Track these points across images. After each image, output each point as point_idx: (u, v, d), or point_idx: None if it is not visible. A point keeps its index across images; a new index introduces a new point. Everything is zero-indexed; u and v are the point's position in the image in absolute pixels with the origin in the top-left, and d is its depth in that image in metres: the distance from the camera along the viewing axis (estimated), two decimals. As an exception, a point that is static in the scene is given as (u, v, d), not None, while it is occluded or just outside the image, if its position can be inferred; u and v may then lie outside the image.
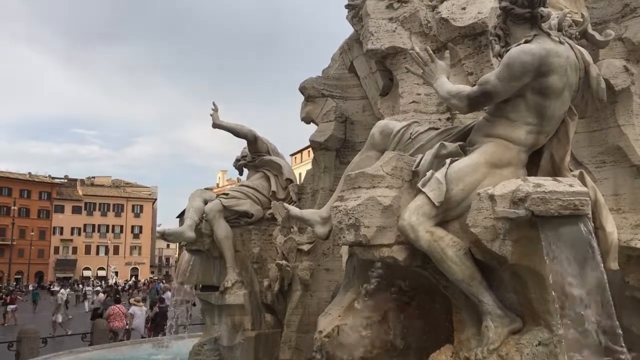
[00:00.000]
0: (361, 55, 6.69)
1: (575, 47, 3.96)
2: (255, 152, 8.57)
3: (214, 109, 8.37)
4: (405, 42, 5.72)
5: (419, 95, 5.56)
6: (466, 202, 3.74)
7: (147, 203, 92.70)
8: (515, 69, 3.71)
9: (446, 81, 4.31)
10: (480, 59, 5.29)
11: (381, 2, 6.06)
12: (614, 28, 5.34)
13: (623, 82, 5.10)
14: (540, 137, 3.90)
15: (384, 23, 5.86)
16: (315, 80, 7.42)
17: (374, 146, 4.73)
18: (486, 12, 5.16)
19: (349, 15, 6.77)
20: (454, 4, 5.48)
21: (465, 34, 5.31)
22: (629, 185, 4.98)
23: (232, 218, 7.96)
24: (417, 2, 5.84)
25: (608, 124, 5.13)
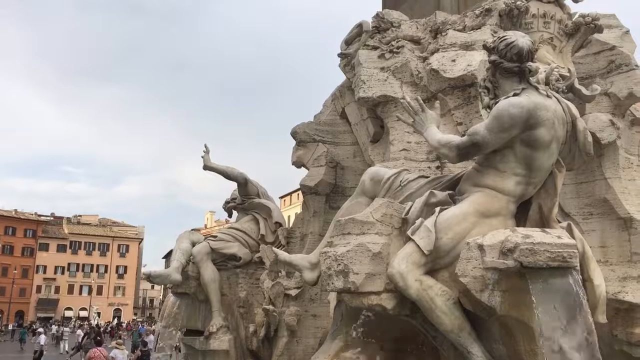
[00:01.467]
0: (353, 102, 6.79)
1: (562, 101, 4.05)
2: (245, 195, 8.56)
3: (205, 151, 8.41)
4: (396, 91, 5.83)
5: (409, 144, 5.63)
6: (455, 251, 3.75)
7: (134, 243, 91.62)
8: (504, 120, 3.78)
9: (436, 130, 4.38)
10: (469, 109, 5.39)
11: (373, 51, 6.20)
12: (600, 83, 5.50)
13: (609, 135, 5.20)
14: (528, 188, 3.94)
15: (375, 72, 5.97)
16: (307, 125, 7.50)
17: (364, 192, 4.75)
18: (475, 64, 5.29)
19: (342, 63, 6.90)
20: (444, 55, 5.62)
21: (455, 85, 5.42)
22: (615, 238, 5.02)
23: (219, 261, 7.89)
24: (408, 53, 5.97)
25: (595, 177, 5.21)
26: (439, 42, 5.89)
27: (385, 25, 6.35)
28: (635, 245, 5.04)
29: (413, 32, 6.31)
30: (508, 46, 3.99)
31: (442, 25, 6.06)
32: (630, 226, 5.11)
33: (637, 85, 5.57)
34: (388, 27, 6.35)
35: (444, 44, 5.80)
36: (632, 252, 5.07)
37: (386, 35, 6.30)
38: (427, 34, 6.23)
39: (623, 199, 5.02)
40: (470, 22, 5.92)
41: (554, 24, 5.59)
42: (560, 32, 5.62)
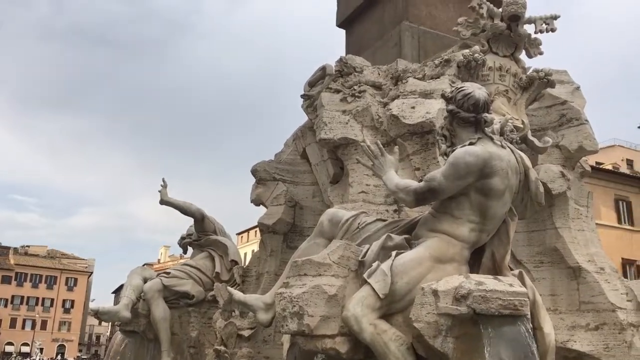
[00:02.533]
0: (314, 143, 6.84)
1: (515, 152, 4.19)
2: (202, 231, 8.43)
3: (163, 185, 8.28)
4: (357, 134, 5.92)
5: (368, 186, 5.69)
6: (410, 295, 3.77)
7: (83, 276, 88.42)
8: (460, 168, 3.87)
9: (394, 175, 4.45)
10: (427, 155, 5.50)
11: (336, 95, 6.31)
12: (552, 136, 5.72)
13: (560, 186, 5.38)
14: (482, 235, 4.02)
15: (337, 115, 6.06)
16: (267, 163, 7.51)
17: (322, 234, 4.76)
18: (434, 112, 5.43)
19: (304, 104, 6.99)
20: (404, 102, 5.76)
21: (413, 131, 5.54)
22: (565, 286, 5.15)
23: (171, 298, 7.69)
24: (369, 97, 6.10)
25: (546, 226, 5.36)
26: (400, 89, 6.04)
27: (348, 70, 6.49)
28: (584, 294, 5.17)
29: (375, 77, 6.46)
30: (465, 97, 4.13)
31: (403, 73, 6.23)
32: (578, 275, 5.26)
33: (586, 139, 5.82)
34: (351, 72, 6.49)
35: (404, 91, 5.95)
36: (580, 301, 5.20)
37: (349, 80, 6.43)
38: (389, 81, 6.38)
39: (572, 248, 5.17)
40: (429, 72, 6.10)
41: (509, 77, 5.82)
42: (515, 85, 5.84)
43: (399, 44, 7.15)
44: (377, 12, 7.91)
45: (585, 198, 6.03)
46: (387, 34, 7.50)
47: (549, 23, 5.89)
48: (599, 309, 5.10)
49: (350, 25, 8.58)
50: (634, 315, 5.08)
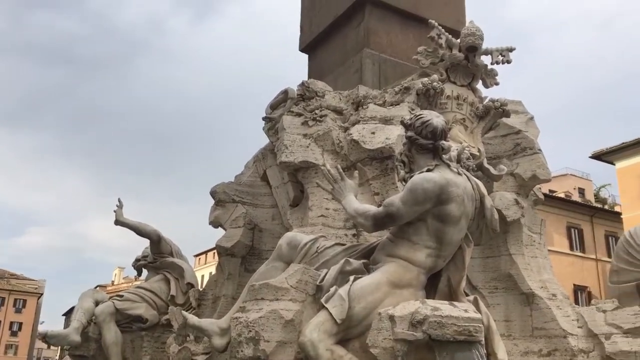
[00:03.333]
0: (274, 166, 6.84)
1: (472, 179, 4.27)
2: (158, 253, 8.26)
3: (118, 205, 8.11)
4: (318, 158, 5.95)
5: (328, 210, 5.70)
6: (367, 321, 3.77)
7: (32, 297, 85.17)
8: (417, 194, 3.92)
9: (354, 199, 4.47)
10: (386, 180, 5.56)
11: (297, 118, 6.34)
12: (507, 164, 5.86)
13: (514, 214, 5.51)
14: (439, 260, 4.07)
15: (298, 138, 6.08)
16: (227, 185, 7.44)
17: (281, 257, 4.73)
18: (393, 138, 5.51)
19: (266, 127, 6.99)
20: (365, 127, 5.83)
21: (373, 156, 5.61)
22: (518, 312, 5.23)
23: (124, 322, 7.47)
24: (330, 122, 6.15)
25: (500, 252, 5.46)
26: (360, 114, 6.12)
27: (310, 94, 6.54)
28: (537, 321, 5.27)
29: (336, 102, 6.52)
30: (424, 124, 4.21)
31: (364, 99, 6.32)
32: (532, 302, 5.36)
33: (539, 168, 5.99)
34: (313, 96, 6.54)
35: (364, 116, 6.03)
36: (533, 327, 5.30)
37: (310, 104, 6.48)
38: (350, 106, 6.46)
39: (526, 274, 5.28)
40: (390, 98, 6.21)
41: (466, 106, 5.96)
42: (471, 114, 5.99)
43: (360, 71, 7.26)
44: (339, 39, 8.03)
45: (538, 225, 6.19)
46: (349, 60, 7.62)
47: (504, 55, 6.08)
48: (551, 335, 5.20)
49: (313, 50, 8.68)
50: (584, 341, 5.20)
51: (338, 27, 8.06)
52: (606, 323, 5.19)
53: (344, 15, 7.86)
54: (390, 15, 7.66)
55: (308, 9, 8.79)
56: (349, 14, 7.79)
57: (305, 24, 8.84)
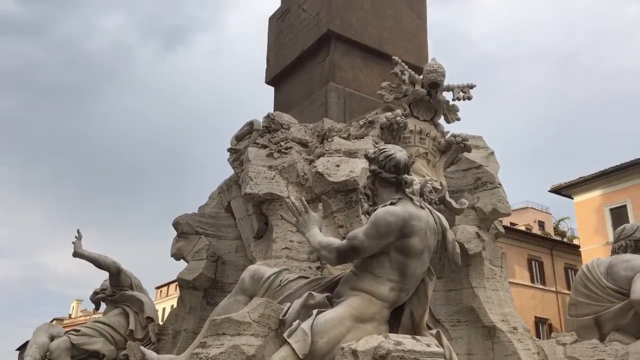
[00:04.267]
0: (239, 197, 6.80)
1: (434, 212, 4.33)
2: (117, 286, 8.04)
3: (77, 236, 7.89)
4: (282, 190, 5.94)
5: (292, 242, 5.68)
6: (330, 355, 3.73)
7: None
8: (381, 228, 3.95)
9: (318, 232, 4.47)
10: (350, 213, 5.59)
11: (262, 150, 6.35)
12: (468, 198, 5.97)
13: (476, 247, 5.59)
14: (401, 294, 4.07)
15: (263, 170, 6.08)
16: (190, 216, 7.35)
17: (243, 291, 4.67)
18: (358, 171, 5.56)
19: (231, 158, 6.97)
20: (329, 160, 5.87)
21: (338, 189, 5.64)
22: (480, 345, 5.26)
23: (80, 358, 7.20)
24: (295, 154, 6.18)
25: (462, 285, 5.51)
26: (325, 147, 6.17)
27: (276, 126, 6.58)
28: (498, 354, 5.31)
29: (301, 135, 6.57)
30: (387, 158, 4.26)
31: (329, 132, 6.38)
32: (493, 335, 5.40)
33: (500, 202, 6.12)
34: (278, 128, 6.58)
35: (329, 149, 6.08)
36: (495, 360, 5.32)
37: (276, 136, 6.51)
38: (315, 139, 6.51)
39: (487, 308, 5.33)
40: (354, 132, 6.29)
41: (429, 141, 6.08)
42: (434, 148, 6.11)
43: (326, 104, 7.35)
44: (305, 73, 8.14)
45: (499, 258, 6.28)
46: (315, 94, 7.71)
47: (465, 91, 6.25)
48: (513, 368, 5.22)
49: (279, 83, 8.76)
50: (545, 374, 5.25)
51: (304, 61, 8.18)
52: (565, 356, 5.26)
53: (309, 49, 7.99)
54: (355, 50, 7.83)
55: (274, 42, 8.90)
56: (314, 48, 7.92)
57: (272, 56, 8.94)
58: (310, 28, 8.00)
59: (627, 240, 5.82)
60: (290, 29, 8.51)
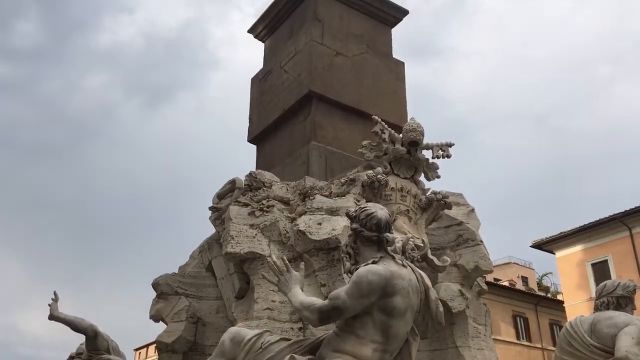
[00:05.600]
0: (220, 256, 6.73)
1: (416, 271, 4.30)
2: (94, 350, 7.77)
3: (53, 298, 7.69)
4: (264, 248, 5.91)
5: (274, 303, 5.60)
6: (313, 420, 3.60)
7: (-50, 400, 77.70)
8: (363, 287, 3.91)
9: (300, 292, 4.41)
10: (332, 272, 5.55)
11: (244, 208, 6.34)
12: (450, 255, 5.97)
13: (459, 305, 5.55)
14: (385, 355, 3.99)
15: (245, 228, 6.06)
16: (170, 277, 7.24)
17: (223, 354, 4.54)
18: (339, 229, 5.56)
19: (212, 216, 6.94)
20: (311, 218, 5.87)
21: (320, 247, 5.62)
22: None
23: None
24: (277, 212, 6.17)
25: (447, 344, 5.44)
26: (307, 205, 6.18)
27: (258, 185, 6.60)
28: (484, 415, 5.19)
29: (283, 193, 6.59)
30: (368, 216, 4.27)
31: (311, 190, 6.41)
32: (480, 395, 5.30)
33: (482, 260, 6.13)
34: (260, 187, 6.60)
35: (311, 207, 6.09)
36: (481, 422, 5.20)
37: (258, 194, 6.52)
38: (297, 197, 6.53)
39: (473, 367, 5.24)
40: (336, 189, 6.33)
41: (410, 198, 6.13)
42: (415, 205, 6.15)
43: (307, 162, 7.42)
44: (287, 131, 8.25)
45: (483, 316, 6.24)
46: (296, 152, 7.79)
47: (444, 150, 6.37)
48: None
49: (261, 141, 8.85)
50: None
51: (286, 120, 8.30)
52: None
53: (291, 109, 8.13)
54: (335, 110, 7.98)
55: (257, 102, 9.05)
56: (296, 108, 8.06)
57: (254, 116, 9.07)
58: (292, 88, 8.17)
59: (609, 297, 5.82)
60: (272, 89, 8.67)
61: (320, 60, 7.99)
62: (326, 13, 8.44)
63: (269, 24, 9.45)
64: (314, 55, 7.97)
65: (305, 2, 8.70)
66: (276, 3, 9.23)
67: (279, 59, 8.69)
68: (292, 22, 8.96)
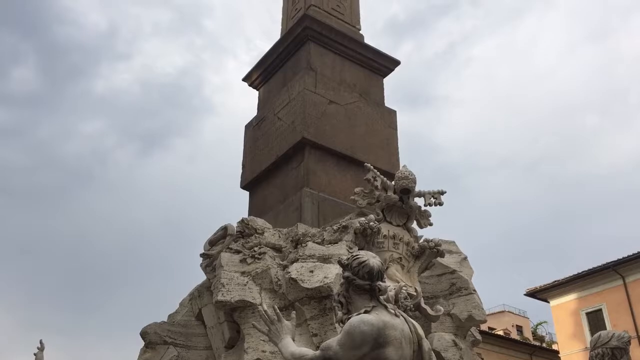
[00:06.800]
0: (210, 304, 6.62)
1: (409, 321, 4.24)
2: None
3: (39, 347, 7.53)
4: (255, 297, 5.82)
5: (264, 353, 5.49)
6: None
7: None
8: (355, 337, 3.84)
9: (291, 342, 4.33)
10: (324, 321, 5.46)
11: (235, 255, 6.28)
12: (443, 304, 5.91)
13: (453, 356, 5.46)
14: (377, 408, 3.89)
15: (236, 276, 5.99)
16: (159, 325, 7.09)
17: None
18: (332, 277, 5.51)
19: (204, 263, 6.87)
20: (303, 266, 5.82)
21: (311, 295, 5.55)
22: None
23: None
24: (269, 259, 6.12)
25: (441, 397, 5.31)
26: (299, 252, 6.14)
27: (250, 231, 6.56)
28: None
29: (275, 240, 6.55)
30: (360, 264, 4.23)
31: (303, 237, 6.38)
32: None
33: (475, 309, 6.06)
34: (252, 233, 6.56)
35: (303, 254, 6.05)
36: None
37: (250, 241, 6.47)
38: (289, 244, 6.49)
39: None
40: (328, 236, 6.30)
41: (402, 246, 6.10)
42: (408, 253, 6.12)
43: (300, 209, 7.41)
44: (280, 178, 8.27)
45: (477, 367, 6.13)
46: (289, 199, 7.79)
47: (436, 197, 6.38)
48: None
49: (255, 188, 8.86)
50: None
51: (279, 167, 8.33)
52: None
53: (284, 155, 8.17)
54: (328, 157, 8.03)
55: (250, 148, 9.10)
56: (289, 155, 8.11)
57: (248, 162, 9.10)
58: (285, 135, 8.24)
59: (604, 348, 5.75)
60: (265, 136, 8.74)
61: (313, 108, 8.09)
62: (319, 63, 8.61)
63: (263, 72, 9.61)
64: (308, 103, 8.08)
65: (299, 52, 8.88)
66: (271, 53, 9.41)
67: (272, 106, 8.79)
68: (286, 71, 9.11)
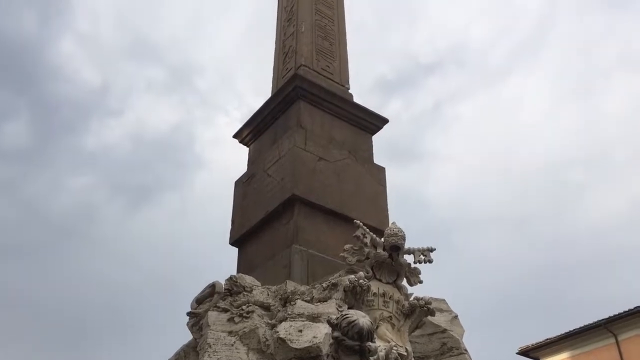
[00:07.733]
0: (196, 365, 6.45)
1: (400, 382, 4.17)
2: None
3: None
4: (243, 357, 5.70)
5: (251, 416, 5.31)
6: None
7: None
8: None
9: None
10: (313, 382, 5.33)
11: (223, 314, 6.18)
12: (435, 365, 5.79)
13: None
14: None
15: (223, 336, 5.87)
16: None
17: None
18: (321, 337, 5.41)
19: (190, 322, 6.73)
20: (292, 325, 5.72)
21: (300, 356, 5.43)
22: None
23: None
24: (257, 318, 6.02)
25: None
26: (288, 310, 6.05)
27: (238, 289, 6.48)
28: None
29: (264, 298, 6.46)
30: (350, 324, 4.19)
31: (292, 295, 6.30)
32: None
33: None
34: (240, 291, 6.48)
35: (292, 313, 5.95)
36: None
37: (238, 299, 6.38)
38: (278, 302, 6.40)
39: None
40: (317, 294, 6.23)
41: (392, 304, 6.03)
42: (398, 311, 6.03)
43: (289, 266, 7.35)
44: (269, 234, 8.24)
45: None
46: (278, 255, 7.73)
47: (426, 255, 6.35)
48: None
49: (244, 244, 8.81)
50: None
51: (268, 223, 8.31)
52: None
53: (274, 212, 8.17)
54: (318, 213, 8.03)
55: (240, 204, 9.10)
56: (279, 211, 8.11)
57: (237, 218, 9.08)
58: (275, 192, 8.27)
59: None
60: (255, 192, 8.77)
61: (303, 165, 8.16)
62: (309, 121, 8.74)
63: (253, 129, 9.74)
64: (298, 160, 8.15)
65: (289, 111, 9.03)
66: (261, 110, 9.57)
67: (263, 163, 8.86)
68: (276, 128, 9.24)
